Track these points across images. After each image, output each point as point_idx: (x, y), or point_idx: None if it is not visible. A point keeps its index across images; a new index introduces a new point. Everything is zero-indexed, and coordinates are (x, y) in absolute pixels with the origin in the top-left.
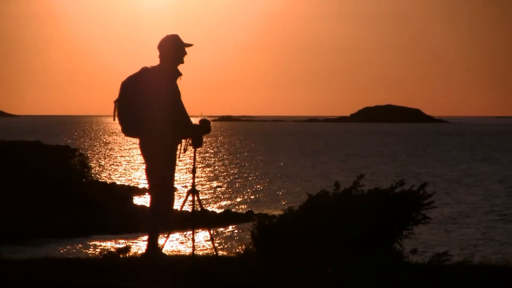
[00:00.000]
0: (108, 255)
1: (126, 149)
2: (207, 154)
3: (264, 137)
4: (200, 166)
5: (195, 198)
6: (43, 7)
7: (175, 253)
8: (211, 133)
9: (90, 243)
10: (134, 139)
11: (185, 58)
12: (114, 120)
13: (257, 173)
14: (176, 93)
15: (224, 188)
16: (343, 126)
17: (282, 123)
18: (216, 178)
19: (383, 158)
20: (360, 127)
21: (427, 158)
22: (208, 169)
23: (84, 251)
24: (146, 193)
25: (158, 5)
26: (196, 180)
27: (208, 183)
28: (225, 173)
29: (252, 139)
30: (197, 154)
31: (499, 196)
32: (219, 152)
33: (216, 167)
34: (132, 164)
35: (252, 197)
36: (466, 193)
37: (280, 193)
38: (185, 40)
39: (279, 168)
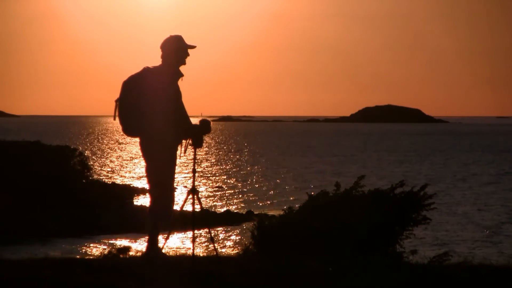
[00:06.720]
0: (108, 255)
1: (126, 149)
2: (207, 154)
3: (264, 137)
4: (200, 166)
5: (195, 198)
6: (44, 7)
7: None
8: (211, 133)
9: (90, 243)
10: (135, 138)
11: (186, 59)
12: (114, 119)
13: (257, 173)
14: (177, 94)
15: (224, 188)
16: (343, 126)
17: (282, 123)
18: (216, 178)
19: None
20: (360, 127)
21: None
22: (208, 169)
23: (84, 251)
24: (146, 193)
25: (159, 5)
26: (196, 180)
27: (208, 183)
28: (225, 173)
29: (252, 139)
30: (197, 154)
31: (499, 196)
32: (219, 152)
33: (216, 167)
34: (132, 164)
35: (252, 197)
36: (465, 194)
37: (280, 193)
38: (186, 40)
39: (279, 168)
